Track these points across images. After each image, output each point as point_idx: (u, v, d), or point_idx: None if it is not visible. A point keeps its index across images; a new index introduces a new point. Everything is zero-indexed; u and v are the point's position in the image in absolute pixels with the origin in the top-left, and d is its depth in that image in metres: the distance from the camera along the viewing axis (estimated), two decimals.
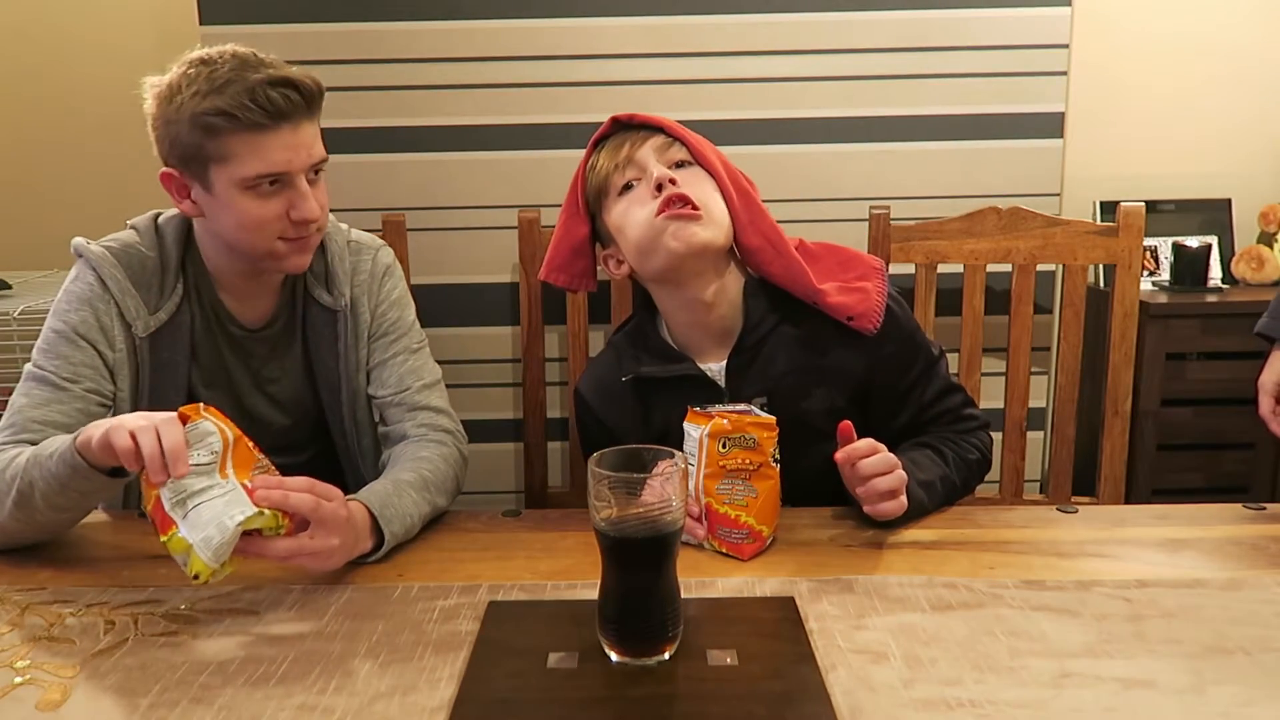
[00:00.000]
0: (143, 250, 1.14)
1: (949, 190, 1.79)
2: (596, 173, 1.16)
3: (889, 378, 1.18)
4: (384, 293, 1.25)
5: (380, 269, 1.25)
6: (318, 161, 1.09)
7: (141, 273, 1.14)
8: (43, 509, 0.97)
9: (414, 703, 0.73)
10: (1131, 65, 2.53)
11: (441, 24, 1.74)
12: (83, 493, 0.97)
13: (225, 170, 1.04)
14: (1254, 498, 1.15)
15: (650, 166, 1.12)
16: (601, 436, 1.20)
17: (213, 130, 1.02)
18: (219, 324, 1.19)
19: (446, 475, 1.14)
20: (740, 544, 0.98)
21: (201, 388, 1.19)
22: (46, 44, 2.45)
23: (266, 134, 1.03)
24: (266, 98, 1.01)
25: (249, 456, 0.89)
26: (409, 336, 1.26)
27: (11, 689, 0.76)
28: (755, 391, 1.15)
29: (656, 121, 1.16)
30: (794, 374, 1.15)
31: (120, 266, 1.12)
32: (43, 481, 0.95)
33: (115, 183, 2.45)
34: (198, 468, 0.85)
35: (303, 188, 1.07)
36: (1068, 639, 0.81)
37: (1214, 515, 1.09)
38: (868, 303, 1.14)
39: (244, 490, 0.86)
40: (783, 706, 0.72)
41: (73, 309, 1.11)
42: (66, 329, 1.10)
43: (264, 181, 1.05)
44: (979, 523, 1.08)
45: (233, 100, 1.00)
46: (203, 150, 1.04)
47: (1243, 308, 2.25)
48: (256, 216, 1.06)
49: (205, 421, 0.87)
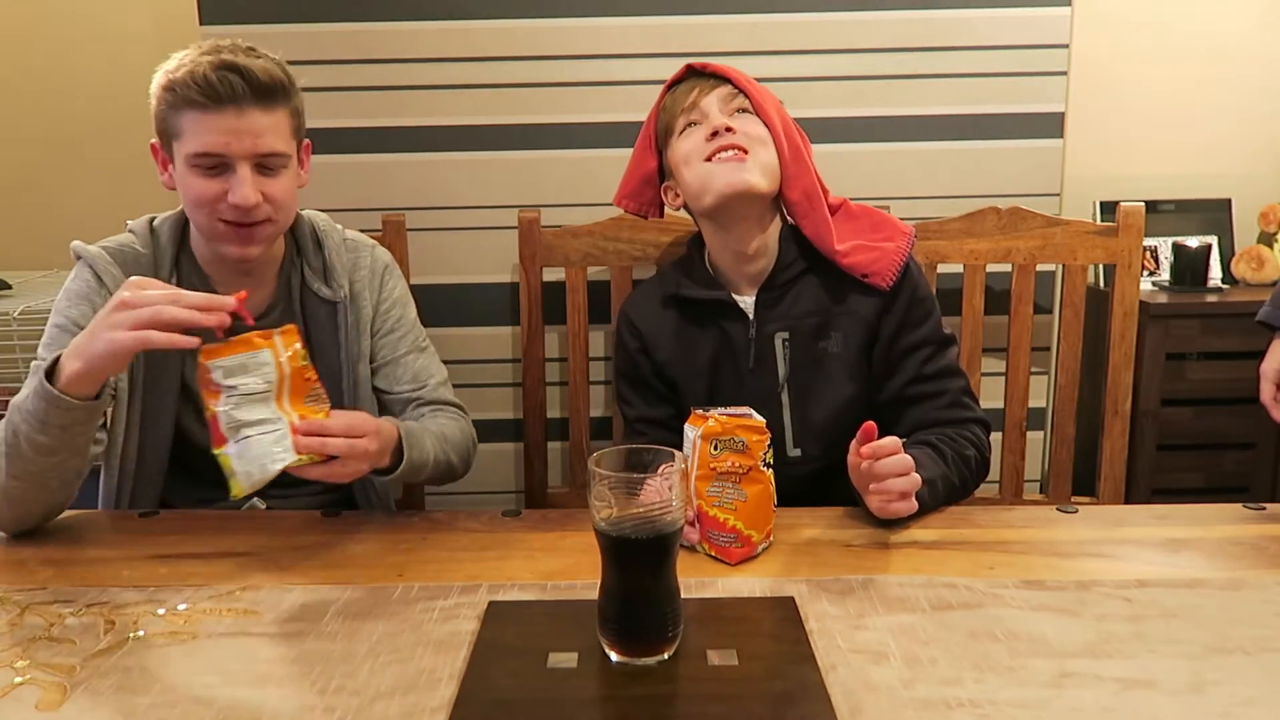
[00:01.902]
0: (137, 249, 1.19)
1: (949, 190, 1.79)
2: (666, 112, 1.28)
3: (894, 328, 1.25)
4: (386, 290, 1.29)
5: (380, 266, 1.29)
6: (265, 153, 1.10)
7: (136, 268, 1.17)
8: (31, 456, 0.98)
9: (414, 703, 0.73)
10: (1131, 65, 2.53)
11: (441, 24, 1.74)
12: (62, 426, 0.97)
13: (180, 145, 1.10)
14: (1254, 498, 1.15)
15: (711, 113, 1.22)
16: (639, 358, 1.32)
17: (168, 104, 1.09)
18: None
19: (461, 442, 1.24)
20: (728, 548, 0.98)
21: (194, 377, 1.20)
22: (46, 44, 2.45)
23: (208, 114, 1.07)
24: (205, 79, 1.05)
25: (303, 386, 0.98)
26: (414, 334, 1.31)
27: (11, 689, 0.76)
28: (778, 327, 1.26)
29: (725, 72, 1.26)
30: (815, 316, 1.25)
31: (115, 264, 1.17)
32: (24, 424, 0.97)
33: (115, 183, 2.45)
34: (253, 395, 0.95)
35: (241, 173, 1.08)
36: (1068, 639, 0.81)
37: (1214, 515, 1.09)
38: (884, 260, 1.24)
39: (291, 430, 0.95)
40: (783, 706, 0.72)
41: (72, 304, 1.16)
42: (68, 323, 1.14)
43: (204, 160, 1.08)
44: (979, 523, 1.08)
45: (180, 78, 1.07)
46: (167, 123, 1.10)
47: (1243, 308, 2.25)
48: (197, 193, 1.10)
49: (264, 351, 0.95)
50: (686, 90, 1.25)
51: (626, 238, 1.58)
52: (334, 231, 1.27)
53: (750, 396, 1.24)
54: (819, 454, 1.26)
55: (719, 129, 1.20)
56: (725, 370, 1.28)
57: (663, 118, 1.28)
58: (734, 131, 1.20)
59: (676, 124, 1.25)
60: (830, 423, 1.25)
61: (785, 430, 1.26)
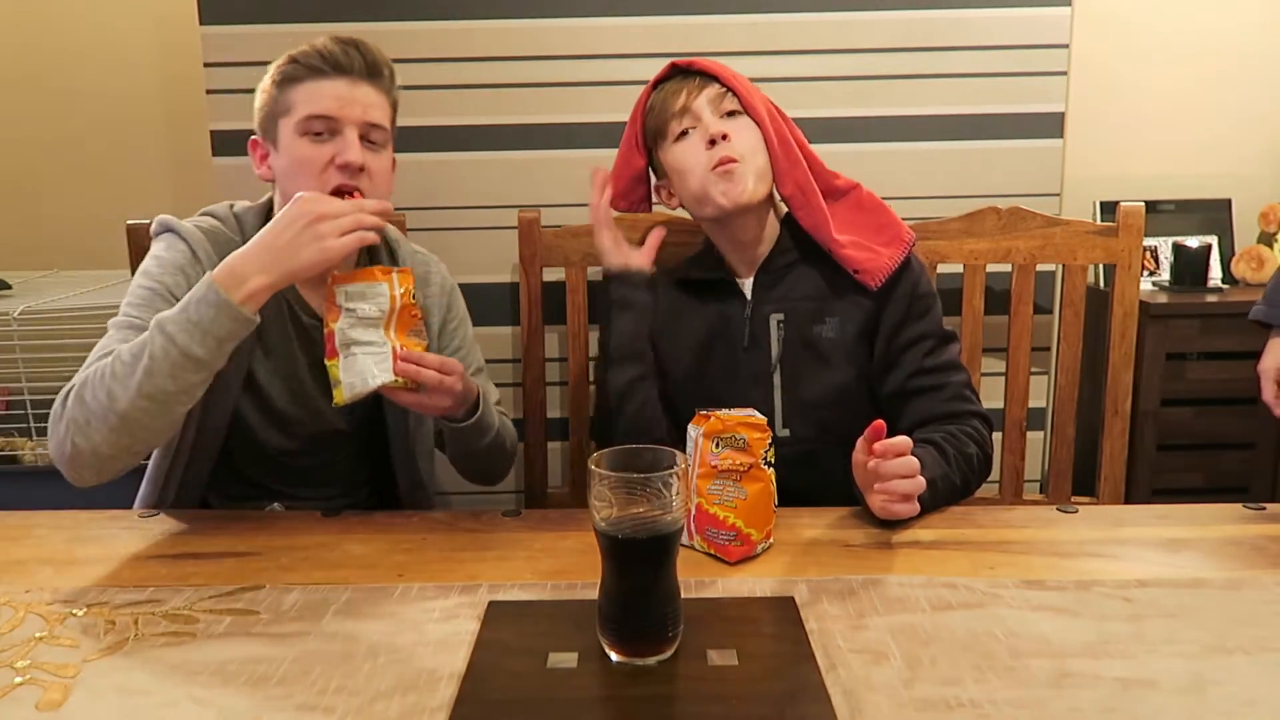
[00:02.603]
0: (227, 233, 1.20)
1: (949, 190, 1.79)
2: (655, 114, 1.28)
3: (895, 322, 1.26)
4: (454, 309, 1.34)
5: (449, 284, 1.35)
6: (372, 123, 1.15)
7: (227, 250, 1.14)
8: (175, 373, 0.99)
9: (414, 703, 0.73)
10: (1132, 65, 2.53)
11: (441, 24, 1.74)
12: (220, 339, 1.00)
13: (289, 121, 1.14)
14: (1254, 498, 1.15)
15: (705, 118, 1.23)
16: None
17: (284, 83, 1.15)
18: (290, 311, 1.22)
19: (512, 443, 1.31)
20: (727, 545, 0.98)
21: (264, 372, 1.21)
22: (47, 44, 2.45)
23: (325, 80, 1.14)
24: (328, 49, 1.14)
25: (409, 321, 1.10)
26: (476, 354, 1.35)
27: (11, 689, 0.75)
28: (774, 308, 1.28)
29: (711, 69, 1.26)
30: (810, 300, 1.27)
31: (209, 243, 1.18)
32: (182, 334, 0.99)
33: (115, 183, 2.46)
34: (366, 319, 1.07)
35: (349, 136, 1.13)
36: (1068, 639, 0.81)
37: (1214, 515, 1.09)
38: (876, 263, 1.25)
39: (393, 355, 1.06)
40: (783, 706, 0.72)
41: (167, 272, 1.15)
42: (161, 288, 1.13)
43: (315, 123, 1.13)
44: (979, 523, 1.08)
45: (303, 50, 1.15)
46: (277, 106, 1.16)
47: (1243, 308, 2.23)
48: (305, 156, 1.13)
49: (383, 284, 1.07)
50: (675, 90, 1.26)
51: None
52: (404, 242, 1.31)
53: (743, 374, 1.27)
54: (808, 435, 1.27)
55: (715, 137, 1.21)
56: (719, 347, 1.30)
57: (651, 120, 1.29)
58: (729, 140, 1.21)
59: (669, 128, 1.26)
60: (820, 405, 1.26)
61: (775, 410, 1.27)
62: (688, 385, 1.30)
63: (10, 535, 1.07)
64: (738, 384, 1.28)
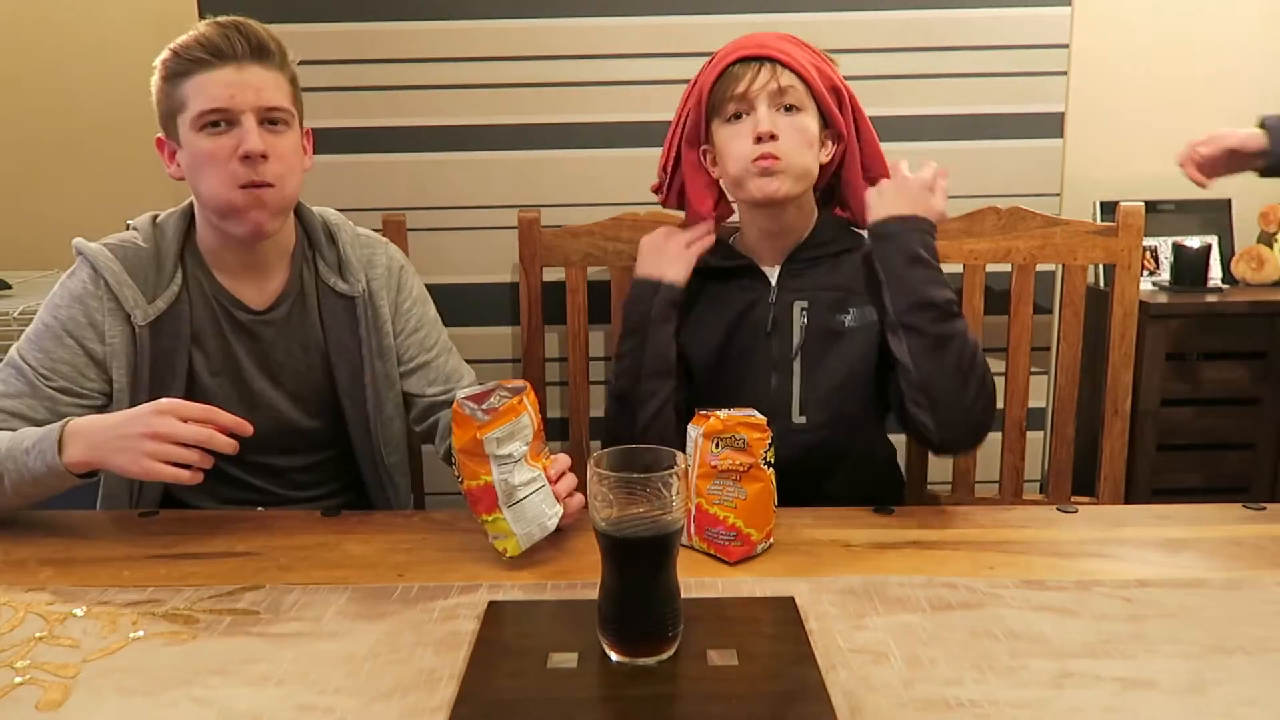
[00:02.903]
0: (139, 244, 1.19)
1: (949, 190, 1.79)
2: (719, 87, 1.25)
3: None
4: (405, 289, 1.30)
5: (396, 264, 1.30)
6: (268, 106, 1.11)
7: (138, 264, 1.17)
8: (10, 495, 1.06)
9: (414, 703, 0.73)
10: (1132, 65, 2.53)
11: (441, 24, 1.74)
12: (54, 489, 1.06)
13: (185, 118, 1.11)
14: (1254, 498, 1.15)
15: (759, 111, 1.21)
16: None
17: (172, 79, 1.11)
18: (223, 310, 1.20)
19: None
20: (727, 545, 0.98)
21: (207, 375, 1.20)
22: (46, 44, 2.45)
23: (210, 71, 1.09)
24: (207, 37, 1.09)
25: (539, 437, 1.00)
26: (439, 331, 1.33)
27: (11, 689, 0.76)
28: (799, 296, 1.27)
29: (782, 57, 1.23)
30: (838, 291, 1.27)
31: (116, 260, 1.16)
32: (17, 474, 1.04)
33: (115, 183, 2.45)
34: (519, 458, 0.96)
35: (247, 124, 1.10)
36: (1068, 639, 0.81)
37: (1214, 515, 1.09)
38: None
39: (549, 484, 0.99)
40: (783, 706, 0.72)
41: (63, 305, 1.16)
42: (55, 324, 1.15)
43: (210, 118, 1.09)
44: (979, 523, 1.08)
45: (183, 42, 1.10)
46: (171, 101, 1.12)
47: (1243, 308, 2.25)
48: (206, 151, 1.10)
49: (524, 415, 0.96)
50: (739, 75, 1.23)
51: (626, 238, 1.58)
52: (346, 226, 1.28)
53: (763, 360, 1.27)
54: (823, 422, 1.26)
55: (763, 135, 1.19)
56: (741, 333, 1.29)
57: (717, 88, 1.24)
58: (776, 139, 1.19)
59: (725, 108, 1.24)
60: (837, 394, 1.26)
61: (794, 396, 1.27)
62: (708, 370, 1.30)
63: (10, 535, 1.06)
64: (758, 369, 1.28)
